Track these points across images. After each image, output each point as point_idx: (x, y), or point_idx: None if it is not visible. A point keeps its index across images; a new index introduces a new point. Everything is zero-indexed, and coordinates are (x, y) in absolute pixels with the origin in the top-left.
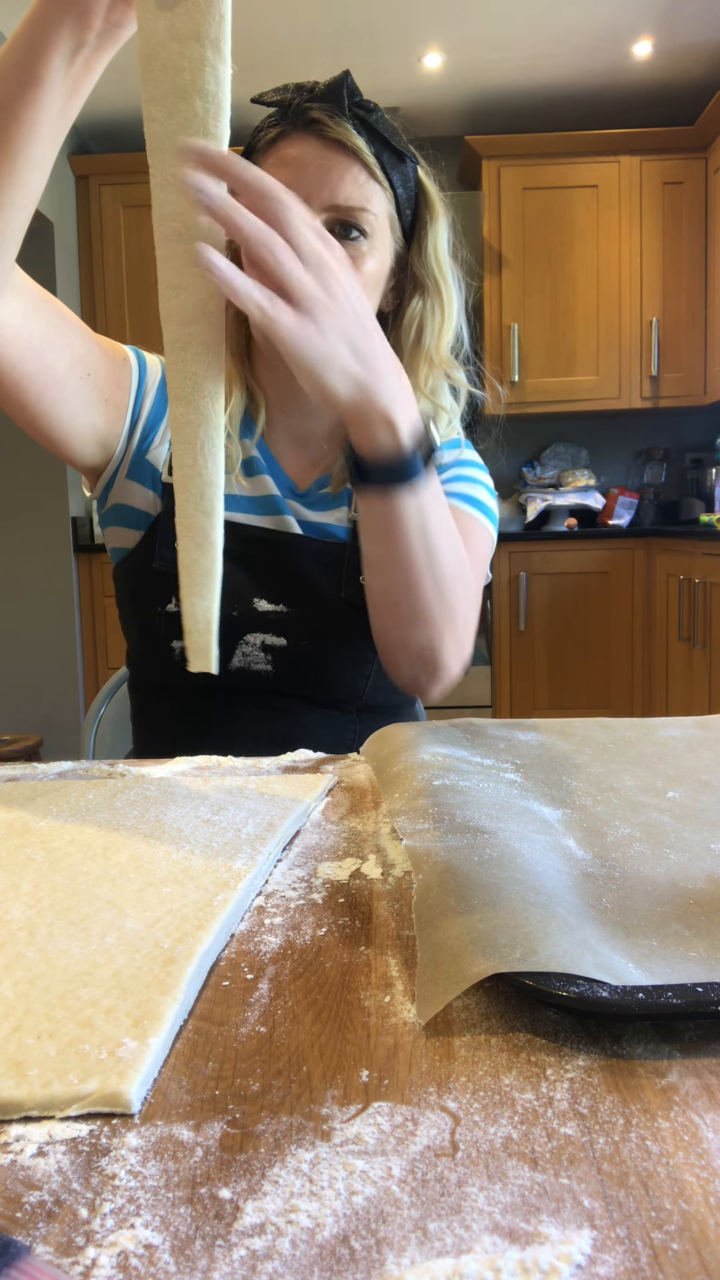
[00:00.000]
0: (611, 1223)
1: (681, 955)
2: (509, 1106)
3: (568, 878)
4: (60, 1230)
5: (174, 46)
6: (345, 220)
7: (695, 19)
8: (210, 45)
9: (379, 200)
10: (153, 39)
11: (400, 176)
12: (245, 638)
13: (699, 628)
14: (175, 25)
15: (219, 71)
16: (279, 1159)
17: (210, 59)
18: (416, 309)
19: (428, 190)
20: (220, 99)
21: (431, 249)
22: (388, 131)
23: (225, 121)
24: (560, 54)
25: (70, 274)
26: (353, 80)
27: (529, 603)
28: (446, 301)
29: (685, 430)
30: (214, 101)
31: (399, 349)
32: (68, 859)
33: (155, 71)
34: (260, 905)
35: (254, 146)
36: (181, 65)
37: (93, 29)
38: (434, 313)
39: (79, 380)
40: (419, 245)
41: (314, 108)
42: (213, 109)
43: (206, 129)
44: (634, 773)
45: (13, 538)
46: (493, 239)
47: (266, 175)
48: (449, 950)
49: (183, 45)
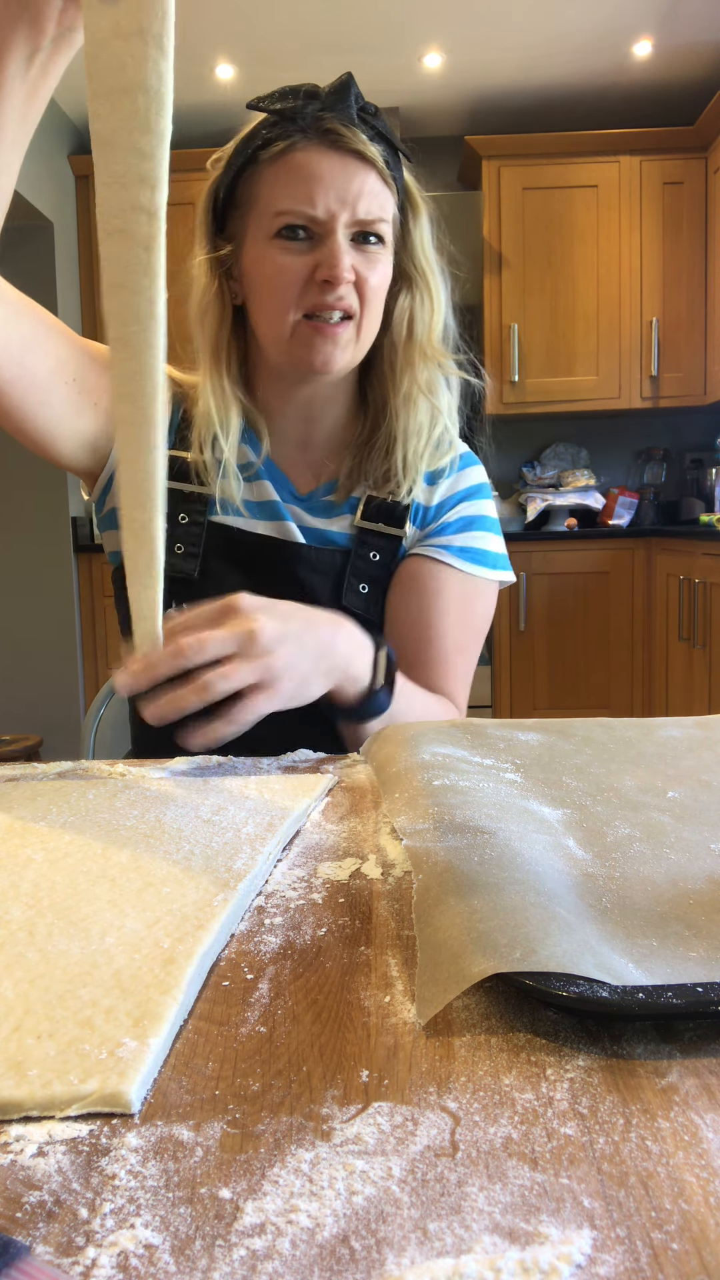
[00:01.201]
0: (611, 1223)
1: (681, 955)
2: (509, 1106)
3: (568, 878)
4: (60, 1230)
5: (118, 44)
6: (365, 231)
7: (695, 19)
8: (153, 41)
9: (391, 205)
10: (97, 37)
11: (399, 176)
12: None
13: (699, 628)
14: (119, 22)
15: (160, 67)
16: (279, 1159)
17: (153, 55)
18: (406, 304)
19: (409, 185)
20: (162, 94)
21: (418, 242)
22: (390, 134)
23: (167, 117)
24: (560, 54)
25: (70, 274)
26: (356, 84)
27: (529, 603)
28: (434, 292)
29: (685, 430)
30: (156, 97)
31: (393, 345)
32: (68, 859)
33: (99, 69)
34: (260, 905)
35: (256, 156)
36: (125, 62)
37: (46, 34)
38: (423, 305)
39: (64, 385)
40: (406, 239)
41: (327, 118)
42: (154, 104)
43: (149, 124)
44: (634, 773)
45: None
46: (493, 239)
47: (158, 654)
48: (449, 950)
49: (126, 42)
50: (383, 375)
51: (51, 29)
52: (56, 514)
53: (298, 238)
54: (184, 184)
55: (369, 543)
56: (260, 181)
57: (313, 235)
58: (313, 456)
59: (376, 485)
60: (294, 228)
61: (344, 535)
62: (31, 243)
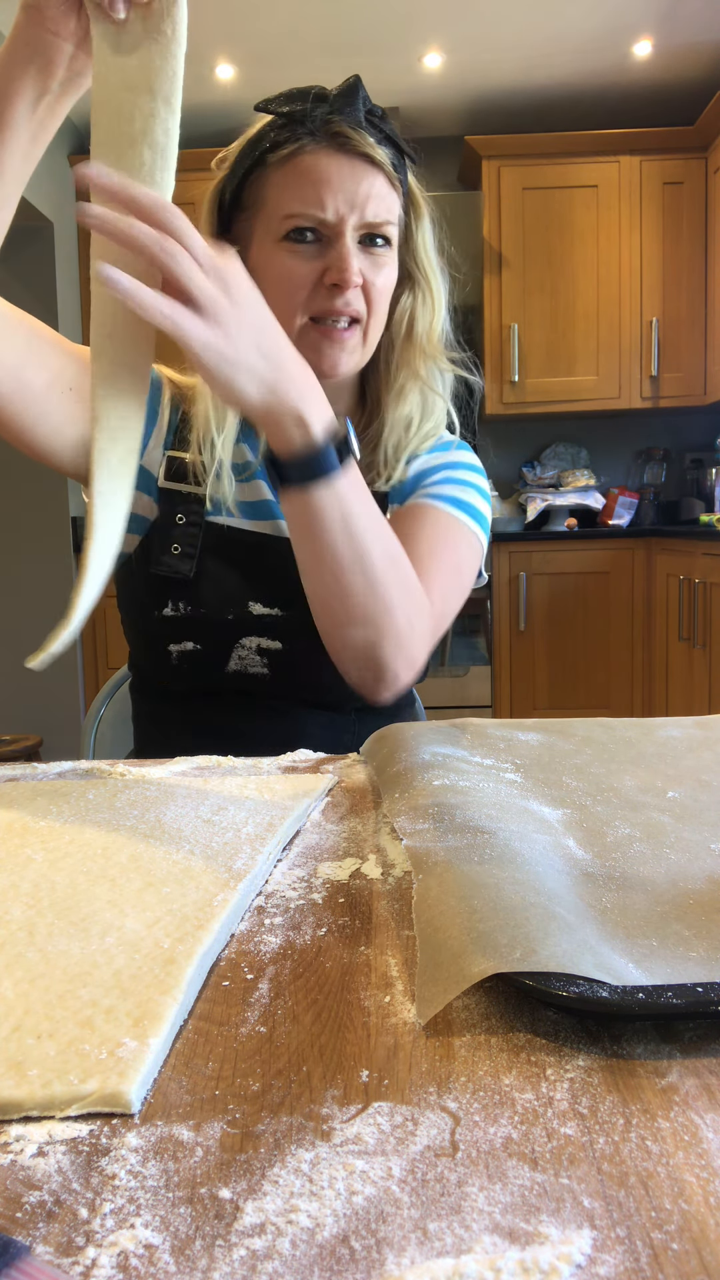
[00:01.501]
0: (611, 1223)
1: (681, 955)
2: (509, 1106)
3: (568, 878)
4: (60, 1230)
5: (126, 96)
6: (373, 233)
7: (695, 19)
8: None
9: (397, 207)
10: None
11: (405, 178)
12: (241, 641)
13: (699, 628)
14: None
15: (168, 124)
16: (279, 1159)
17: (161, 112)
18: (407, 303)
19: (412, 187)
20: (168, 151)
21: (421, 243)
22: (397, 136)
23: (171, 173)
24: (560, 54)
25: (70, 274)
26: (364, 87)
27: (529, 603)
28: (435, 292)
29: (685, 430)
30: (162, 153)
31: (391, 343)
32: (68, 859)
33: (106, 118)
34: (260, 905)
35: (264, 159)
36: (133, 115)
37: (56, 78)
38: (424, 305)
39: (60, 395)
40: (408, 239)
41: (335, 121)
42: (160, 160)
43: (153, 179)
44: (634, 773)
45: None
46: (493, 239)
47: (154, 193)
48: (449, 950)
49: (135, 96)
50: (379, 372)
51: (61, 73)
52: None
53: (306, 241)
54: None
55: None
56: (268, 184)
57: (321, 238)
58: None
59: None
60: (302, 230)
61: None
62: (32, 243)
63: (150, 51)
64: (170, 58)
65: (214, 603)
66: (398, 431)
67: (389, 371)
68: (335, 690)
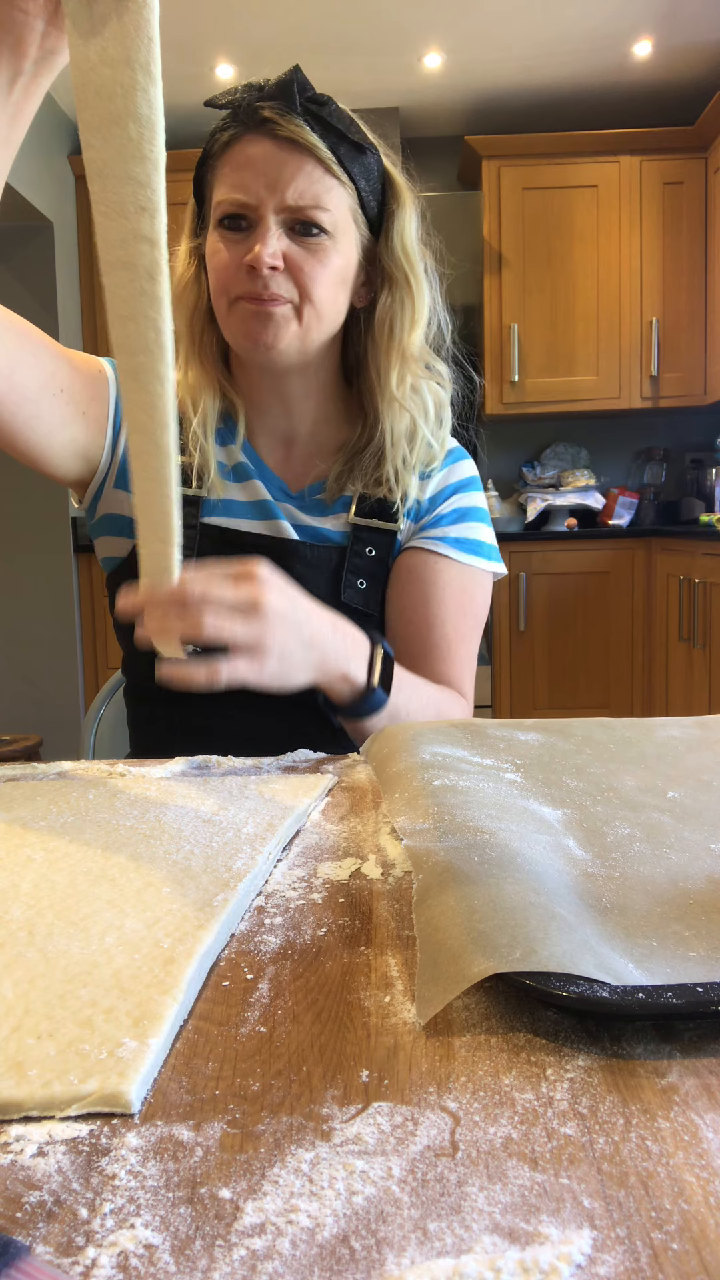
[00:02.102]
0: (611, 1223)
1: (681, 955)
2: (509, 1106)
3: (568, 878)
4: (60, 1230)
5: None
6: (303, 219)
7: (695, 19)
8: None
9: (338, 195)
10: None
11: (361, 169)
12: None
13: (699, 628)
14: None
15: (150, 94)
16: (279, 1159)
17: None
18: (387, 303)
19: (394, 179)
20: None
21: (399, 239)
22: (343, 124)
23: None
24: (560, 54)
25: (70, 274)
26: (303, 75)
27: (529, 603)
28: (417, 293)
29: (685, 430)
30: (148, 125)
31: (374, 346)
32: (68, 859)
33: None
34: (260, 905)
35: (210, 150)
36: (114, 91)
37: (28, 57)
38: (404, 306)
39: (51, 398)
40: (386, 236)
41: (265, 107)
42: (147, 133)
43: (143, 153)
44: (634, 773)
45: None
46: (493, 239)
47: (164, 585)
48: (449, 950)
49: (114, 70)
50: (370, 379)
51: (34, 52)
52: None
53: (239, 228)
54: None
55: (364, 539)
56: (213, 175)
57: (252, 225)
58: (299, 454)
59: (369, 487)
60: (234, 217)
61: (339, 533)
62: (31, 243)
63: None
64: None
65: None
66: (401, 447)
67: (379, 378)
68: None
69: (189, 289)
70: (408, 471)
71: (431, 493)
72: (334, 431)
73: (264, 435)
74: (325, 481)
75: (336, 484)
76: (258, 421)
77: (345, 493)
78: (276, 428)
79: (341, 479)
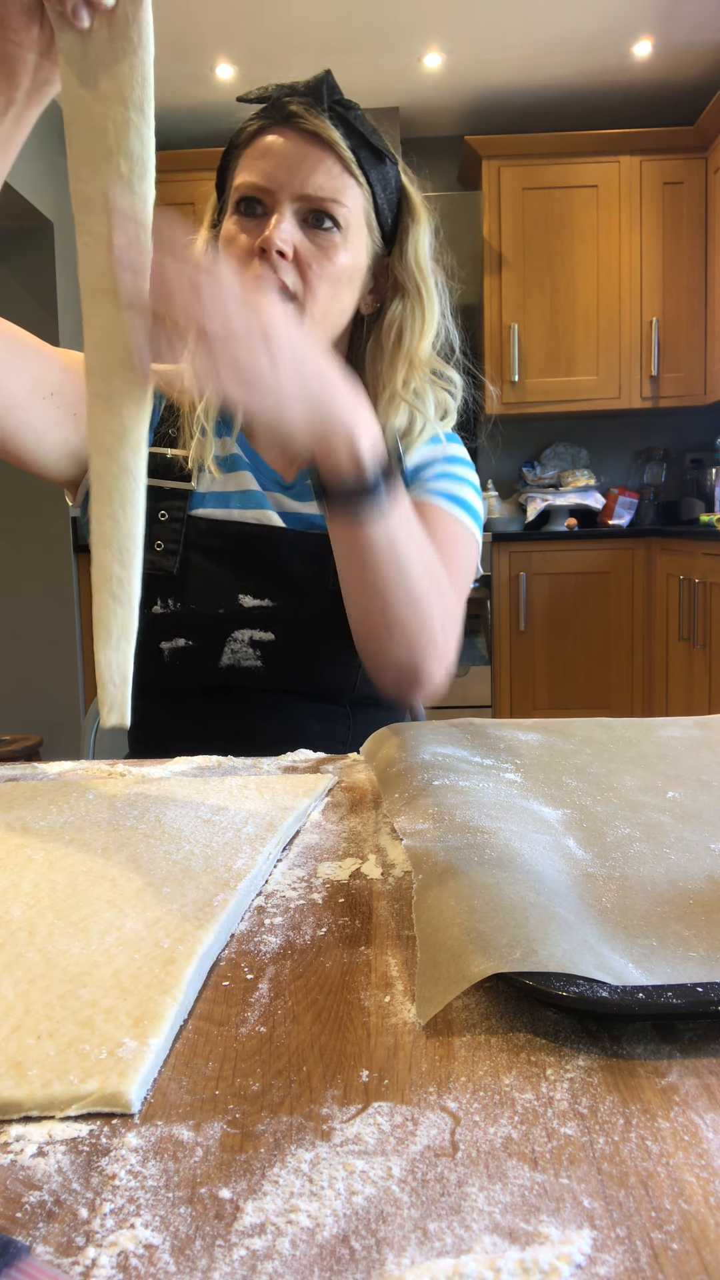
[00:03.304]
0: (611, 1223)
1: (681, 955)
2: (509, 1106)
3: (568, 878)
4: (60, 1230)
5: (98, 108)
6: (317, 209)
7: (695, 19)
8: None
9: (354, 195)
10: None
11: (379, 176)
12: (233, 634)
13: (699, 628)
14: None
15: (143, 133)
16: (279, 1159)
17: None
18: (397, 312)
19: (410, 194)
20: (145, 159)
21: (412, 252)
22: (366, 130)
23: (150, 181)
24: (560, 54)
25: (70, 274)
26: (333, 79)
27: (529, 603)
28: (428, 304)
29: (685, 430)
30: (139, 162)
31: (379, 352)
32: (68, 859)
33: (79, 132)
34: (260, 905)
35: (235, 141)
36: (106, 127)
37: (20, 88)
38: (414, 315)
39: (41, 402)
40: (400, 248)
41: (292, 102)
42: (138, 169)
43: (131, 189)
44: (634, 773)
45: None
46: (493, 239)
47: (180, 232)
48: (449, 950)
49: (106, 107)
50: (366, 381)
51: (26, 83)
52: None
53: (254, 214)
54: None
55: None
56: (235, 164)
57: (268, 211)
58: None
59: None
60: (250, 201)
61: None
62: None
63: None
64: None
65: (203, 597)
66: (390, 440)
67: (377, 380)
68: (328, 680)
69: None
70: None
71: (417, 463)
72: None
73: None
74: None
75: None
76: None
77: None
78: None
79: None
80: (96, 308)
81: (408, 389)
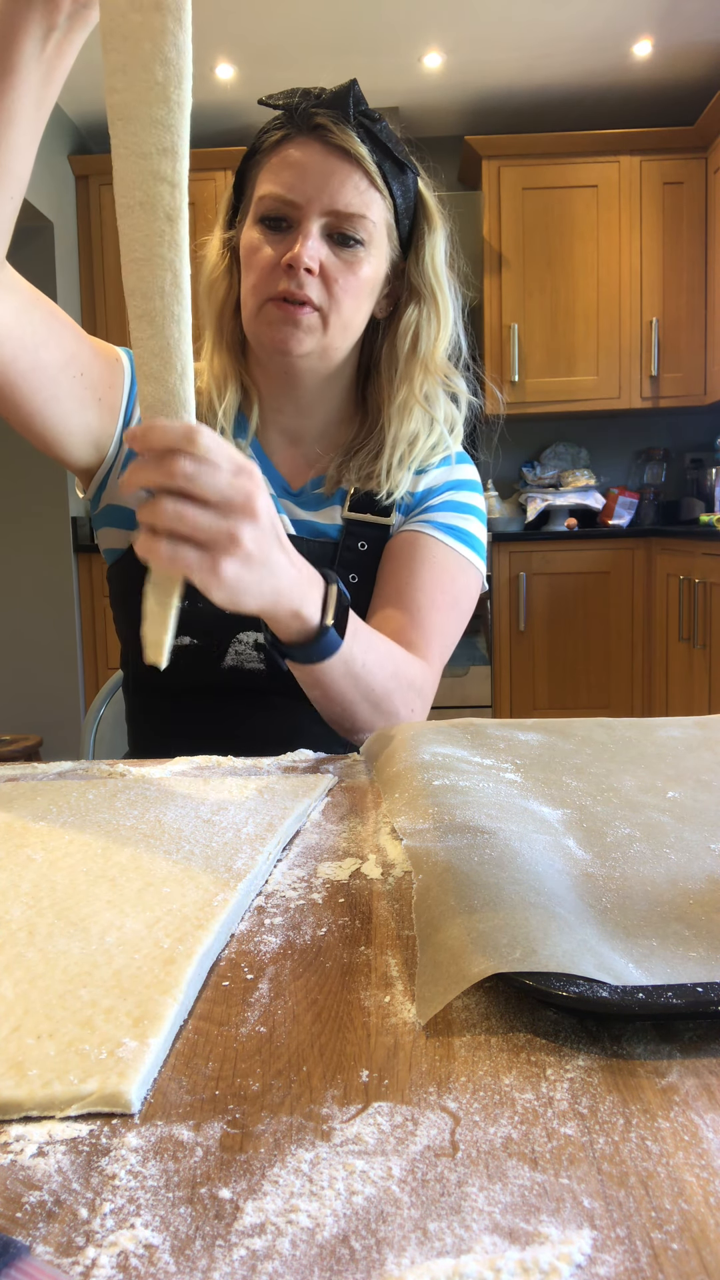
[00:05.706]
0: (611, 1223)
1: (681, 955)
2: (509, 1106)
3: (568, 878)
4: (60, 1230)
5: (135, 18)
6: (343, 229)
7: (695, 19)
8: (170, 14)
9: (378, 208)
10: (114, 12)
11: (400, 186)
12: (238, 636)
13: (699, 628)
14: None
15: (179, 39)
16: (279, 1159)
17: (170, 27)
18: (412, 316)
19: (426, 201)
20: (181, 66)
21: (429, 259)
22: (390, 141)
23: (187, 89)
24: (560, 54)
25: (70, 274)
26: (359, 89)
27: (529, 603)
28: (443, 310)
29: (685, 430)
30: (174, 69)
31: (394, 355)
32: (68, 859)
33: (117, 43)
34: (260, 905)
35: (258, 147)
36: (142, 36)
37: (62, 11)
38: (430, 320)
39: (72, 379)
40: (416, 254)
41: (319, 113)
42: (174, 76)
43: (168, 96)
44: (634, 773)
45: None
46: (493, 239)
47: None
48: (449, 950)
49: (144, 16)
50: (380, 384)
51: (67, 5)
52: (56, 514)
53: (280, 228)
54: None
55: (357, 533)
56: (257, 170)
57: (292, 225)
58: (304, 452)
59: (362, 481)
60: (276, 216)
61: (334, 527)
62: (31, 243)
63: None
64: None
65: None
66: (401, 447)
67: (391, 385)
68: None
69: (220, 281)
70: (401, 469)
71: (427, 486)
72: (343, 432)
73: (274, 432)
74: (325, 476)
75: (336, 473)
76: (269, 419)
77: (342, 485)
78: (287, 426)
79: (341, 470)
80: (133, 222)
81: (420, 394)
